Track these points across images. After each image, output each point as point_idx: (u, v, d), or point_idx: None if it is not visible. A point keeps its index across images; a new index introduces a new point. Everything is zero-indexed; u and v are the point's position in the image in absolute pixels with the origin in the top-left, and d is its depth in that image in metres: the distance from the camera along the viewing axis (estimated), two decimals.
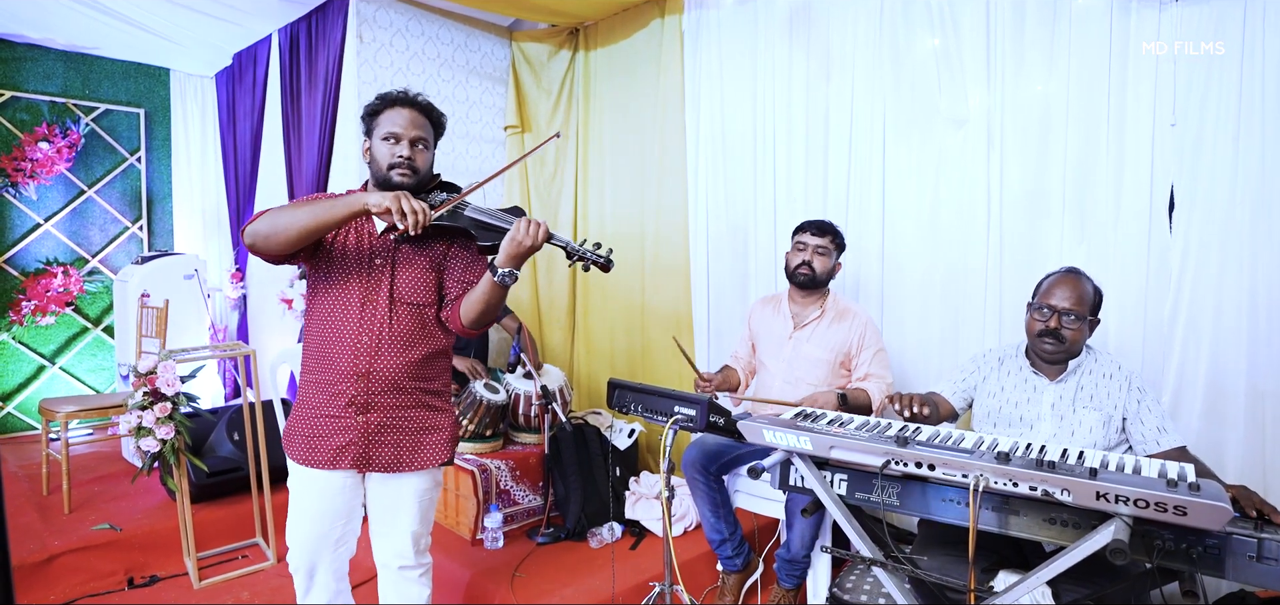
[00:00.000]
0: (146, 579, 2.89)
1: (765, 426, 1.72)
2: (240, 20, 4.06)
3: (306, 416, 1.86)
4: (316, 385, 1.85)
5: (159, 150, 5.04)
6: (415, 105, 1.86)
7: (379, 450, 1.84)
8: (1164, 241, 2.34)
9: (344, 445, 1.82)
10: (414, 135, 1.83)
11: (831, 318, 2.64)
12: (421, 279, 1.85)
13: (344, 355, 1.80)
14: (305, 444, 1.85)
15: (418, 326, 1.85)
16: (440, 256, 1.88)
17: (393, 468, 1.85)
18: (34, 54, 4.50)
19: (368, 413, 1.81)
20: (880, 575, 1.76)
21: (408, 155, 1.81)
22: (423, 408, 1.88)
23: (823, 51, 3.07)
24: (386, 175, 1.81)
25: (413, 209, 1.62)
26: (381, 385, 1.82)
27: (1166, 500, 1.29)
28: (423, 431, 1.88)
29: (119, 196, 4.89)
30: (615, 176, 3.91)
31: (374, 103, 1.87)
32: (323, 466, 1.83)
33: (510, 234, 1.68)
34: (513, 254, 1.69)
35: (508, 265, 1.70)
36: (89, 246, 4.78)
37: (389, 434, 1.84)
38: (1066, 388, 2.01)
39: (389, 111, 1.84)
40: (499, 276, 1.71)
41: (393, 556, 1.92)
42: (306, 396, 1.88)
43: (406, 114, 1.84)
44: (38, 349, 4.63)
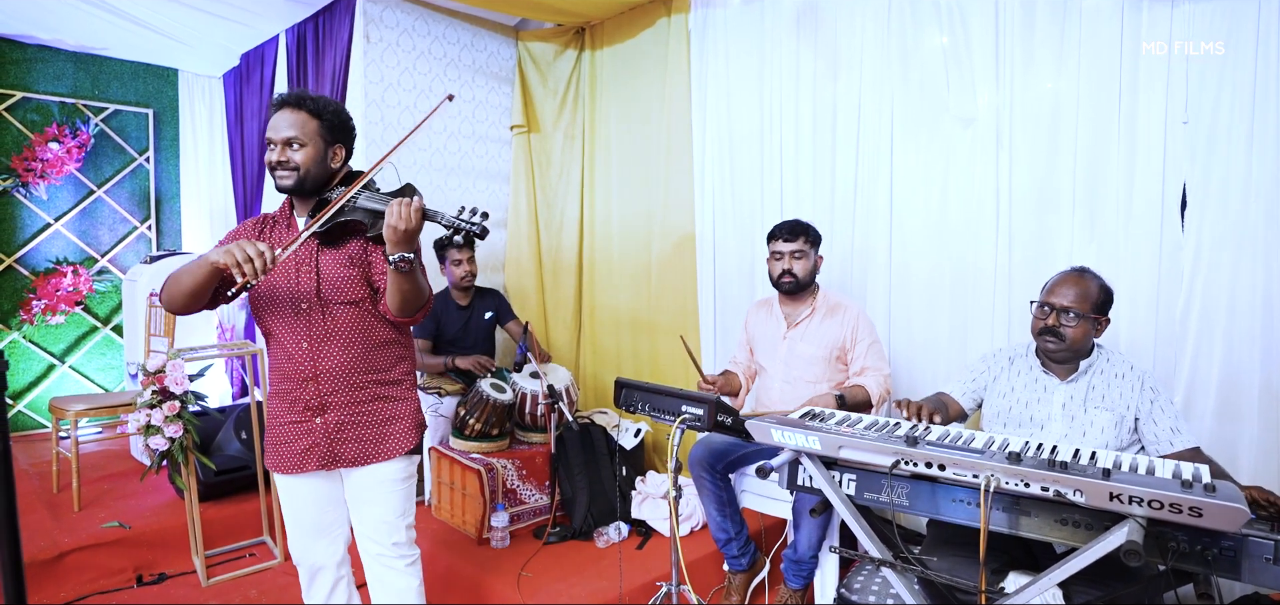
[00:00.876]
0: (155, 576, 2.90)
1: (773, 426, 1.71)
2: (248, 21, 4.07)
3: (273, 425, 1.92)
4: (276, 395, 1.92)
5: (167, 150, 5.07)
6: (285, 104, 1.83)
7: (343, 448, 1.87)
8: (1176, 240, 2.31)
9: (307, 448, 1.87)
10: (285, 137, 1.80)
11: (823, 314, 2.63)
12: (344, 277, 1.84)
13: (290, 362, 1.85)
14: (274, 452, 1.92)
15: (357, 322, 1.86)
16: (360, 251, 1.85)
17: (360, 461, 1.88)
18: (44, 55, 4.53)
19: (324, 413, 1.85)
20: (889, 576, 1.75)
21: (279, 158, 1.80)
22: (379, 400, 1.90)
23: (830, 50, 3.06)
24: (274, 177, 1.83)
25: (248, 255, 1.59)
26: (331, 385, 1.85)
27: (1182, 501, 1.28)
28: (384, 423, 1.91)
29: (128, 196, 4.91)
30: (622, 176, 3.90)
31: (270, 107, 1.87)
32: (291, 471, 1.89)
33: (386, 220, 1.64)
34: (392, 239, 1.64)
35: (396, 250, 1.66)
36: (98, 246, 4.80)
37: (349, 429, 1.87)
38: (1077, 388, 1.99)
39: (273, 116, 1.83)
40: (393, 261, 1.67)
41: (371, 544, 1.95)
42: (271, 406, 1.94)
43: (278, 117, 1.82)
44: (48, 348, 4.65)
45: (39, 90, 4.53)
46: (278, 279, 1.84)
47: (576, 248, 4.14)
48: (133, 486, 3.50)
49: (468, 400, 3.23)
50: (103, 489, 3.49)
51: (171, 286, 1.75)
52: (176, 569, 2.95)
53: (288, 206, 1.93)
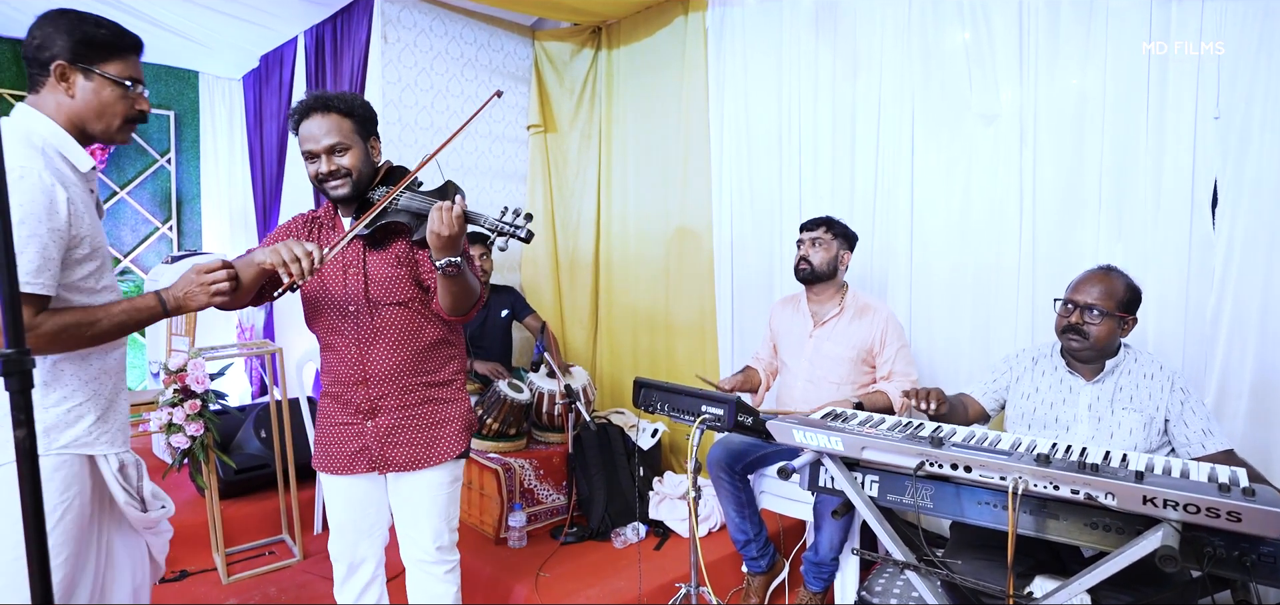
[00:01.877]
0: (176, 574, 2.92)
1: (795, 426, 1.69)
2: (267, 23, 4.10)
3: (324, 425, 1.91)
4: (329, 396, 1.90)
5: (188, 151, 5.12)
6: (316, 110, 1.76)
7: (393, 451, 1.84)
8: (1207, 237, 2.26)
9: (357, 450, 1.85)
10: (328, 145, 1.74)
11: (851, 314, 2.60)
12: (392, 276, 1.80)
13: (341, 365, 1.83)
14: (323, 451, 1.91)
15: (406, 323, 1.82)
16: (407, 250, 1.82)
17: (411, 466, 1.85)
18: None
19: (376, 416, 1.83)
20: (913, 579, 1.72)
21: (328, 170, 1.75)
22: (430, 402, 1.87)
23: (850, 47, 3.03)
24: (324, 192, 1.80)
25: (296, 255, 1.52)
26: (382, 388, 1.82)
27: (1219, 506, 1.24)
28: (434, 426, 1.87)
29: (150, 197, 4.97)
30: (638, 176, 3.89)
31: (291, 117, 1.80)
32: (340, 472, 1.88)
33: (428, 225, 1.60)
34: (435, 245, 1.60)
35: (440, 255, 1.62)
36: (121, 246, 4.86)
37: (401, 433, 1.84)
38: (1104, 388, 1.95)
39: (302, 126, 1.77)
40: (439, 267, 1.64)
41: (417, 552, 1.92)
42: (323, 406, 1.93)
43: (311, 125, 1.75)
44: None
45: None
46: (326, 281, 1.82)
47: (593, 247, 4.13)
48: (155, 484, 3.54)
49: (485, 400, 3.23)
50: None
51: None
52: (198, 566, 2.97)
53: (332, 206, 1.90)
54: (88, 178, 1.50)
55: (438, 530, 1.91)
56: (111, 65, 1.50)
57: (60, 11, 1.49)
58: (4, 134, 1.37)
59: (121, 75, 1.51)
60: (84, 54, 1.48)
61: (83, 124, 1.50)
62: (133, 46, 1.55)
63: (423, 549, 1.91)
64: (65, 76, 1.47)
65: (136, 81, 1.54)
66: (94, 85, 1.48)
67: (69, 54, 1.47)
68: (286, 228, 1.90)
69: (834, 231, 2.60)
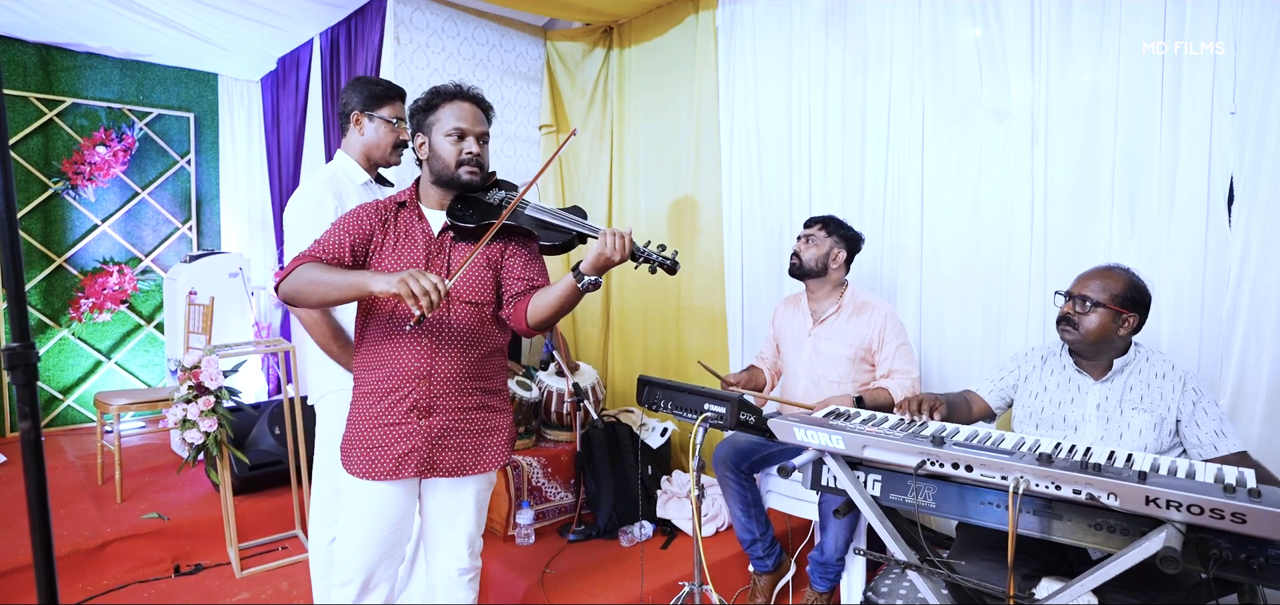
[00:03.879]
0: (192, 567, 2.97)
1: (796, 425, 1.69)
2: (284, 25, 4.16)
3: (366, 427, 1.78)
4: (375, 393, 1.78)
5: (207, 153, 5.21)
6: (476, 100, 1.84)
7: (443, 454, 1.78)
8: (1223, 235, 2.21)
9: (406, 452, 1.76)
10: (480, 131, 1.81)
11: (850, 312, 2.58)
12: (479, 277, 1.80)
13: (404, 358, 1.75)
14: (366, 456, 1.77)
15: (477, 325, 1.80)
16: (498, 254, 1.83)
17: (456, 471, 1.81)
18: (93, 62, 4.69)
19: (431, 416, 1.76)
20: (916, 580, 1.71)
21: (477, 152, 1.79)
22: (483, 409, 1.83)
23: (860, 44, 3.01)
24: (454, 174, 1.78)
25: (424, 289, 1.49)
26: (443, 387, 1.77)
27: (1223, 507, 1.22)
28: (484, 433, 1.83)
29: (170, 198, 5.06)
30: (650, 174, 3.89)
31: (428, 97, 1.83)
32: (385, 477, 1.76)
33: (598, 247, 1.65)
34: (600, 265, 1.66)
35: (593, 273, 1.67)
36: (142, 246, 4.95)
37: (452, 437, 1.79)
38: (1113, 388, 1.92)
39: (449, 106, 1.80)
40: (584, 284, 1.67)
41: (450, 561, 1.88)
42: (363, 407, 1.80)
43: (470, 109, 1.81)
44: (95, 344, 4.82)
45: (88, 96, 4.69)
46: (404, 265, 1.76)
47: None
48: (172, 479, 3.60)
49: None
50: (144, 481, 3.60)
51: (306, 287, 1.67)
52: (212, 560, 3.02)
53: (411, 192, 1.87)
54: (363, 189, 2.18)
55: (472, 538, 1.88)
56: (384, 109, 2.19)
57: (356, 78, 2.25)
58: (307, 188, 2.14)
59: (391, 116, 2.20)
60: (368, 104, 2.18)
61: (368, 153, 2.20)
62: (399, 95, 2.24)
63: (456, 557, 1.87)
64: (358, 122, 2.19)
65: (400, 119, 2.21)
66: (376, 125, 2.19)
67: (361, 105, 2.18)
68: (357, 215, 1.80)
69: (828, 229, 2.58)
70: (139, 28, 4.11)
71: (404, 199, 1.86)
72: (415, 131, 1.86)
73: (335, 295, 1.65)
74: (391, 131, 2.20)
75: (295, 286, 1.69)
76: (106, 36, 4.41)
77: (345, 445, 1.82)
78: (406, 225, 1.82)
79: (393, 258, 1.78)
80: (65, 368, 4.73)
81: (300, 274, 1.68)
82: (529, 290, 1.81)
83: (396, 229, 1.81)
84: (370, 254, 1.79)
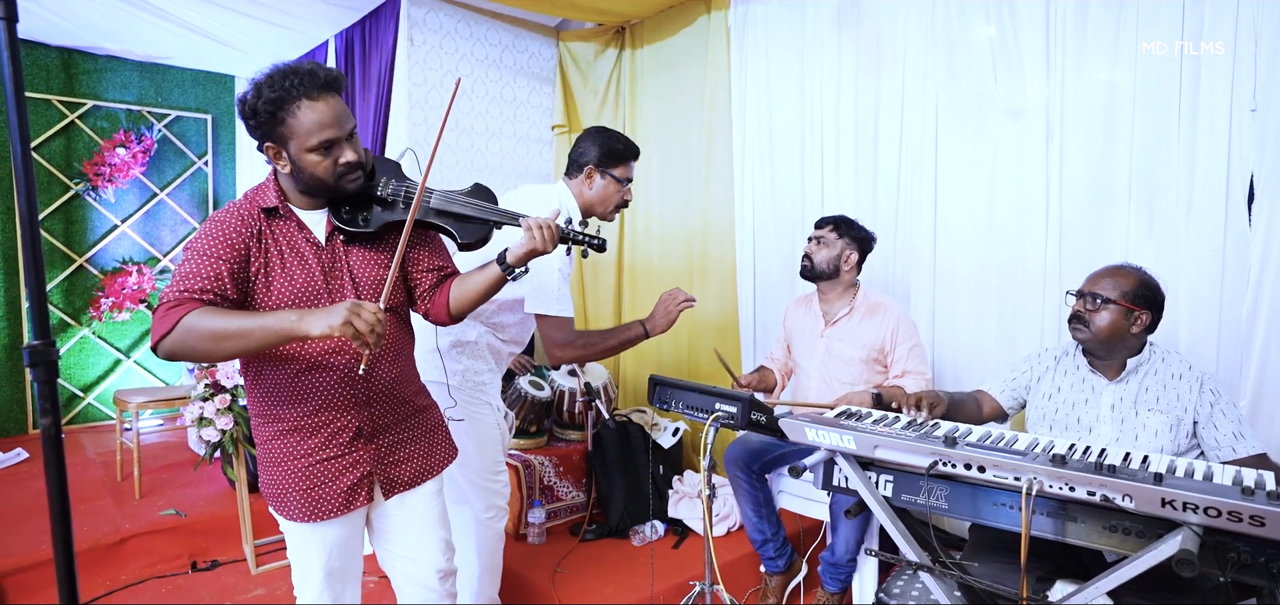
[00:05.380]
0: (208, 563, 3.01)
1: (808, 425, 1.68)
2: (299, 27, 4.19)
3: (300, 470, 1.54)
4: (302, 430, 1.54)
5: (224, 154, 5.27)
6: (329, 86, 1.49)
7: (399, 469, 1.65)
8: (1242, 234, 2.18)
9: (356, 482, 1.58)
10: (349, 128, 1.52)
11: (862, 313, 2.56)
12: (383, 279, 1.59)
13: (332, 388, 1.54)
14: (305, 499, 1.54)
15: (398, 330, 1.65)
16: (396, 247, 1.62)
17: (418, 479, 1.68)
18: (113, 65, 4.75)
19: (377, 437, 1.61)
20: (928, 581, 1.70)
21: (354, 158, 1.51)
22: (420, 411, 1.72)
23: (872, 43, 2.99)
24: (335, 187, 1.52)
25: (368, 323, 1.33)
26: (384, 404, 1.62)
27: (1241, 509, 1.20)
28: (430, 433, 1.73)
29: (188, 198, 5.12)
30: (662, 175, 3.89)
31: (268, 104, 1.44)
32: (335, 515, 1.56)
33: (525, 242, 1.59)
34: (527, 257, 1.60)
35: (522, 263, 1.61)
36: (161, 246, 5.02)
37: (403, 448, 1.66)
38: (1127, 388, 1.90)
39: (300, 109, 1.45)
40: (515, 275, 1.61)
41: (431, 572, 1.73)
42: (288, 447, 1.54)
43: (328, 106, 1.47)
44: (114, 343, 4.88)
45: (108, 98, 4.76)
46: (300, 286, 1.51)
47: (616, 246, 4.15)
48: (189, 476, 3.65)
49: (506, 396, 3.27)
50: (162, 478, 3.64)
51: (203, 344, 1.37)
52: (228, 556, 3.05)
53: (277, 194, 1.54)
54: None
55: (446, 542, 1.76)
56: (617, 168, 2.19)
57: (598, 129, 2.24)
58: (541, 193, 2.16)
59: (622, 176, 2.20)
60: (604, 161, 2.18)
61: (589, 207, 2.21)
62: (635, 156, 2.24)
63: (435, 566, 1.73)
64: (591, 176, 2.18)
65: (629, 180, 2.23)
66: (605, 181, 2.18)
67: (596, 160, 2.18)
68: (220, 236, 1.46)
69: (840, 231, 2.57)
70: (158, 31, 4.17)
71: (271, 203, 1.53)
72: (263, 141, 1.50)
73: (256, 347, 1.39)
74: (619, 191, 2.21)
75: (185, 343, 1.37)
76: (126, 40, 4.47)
77: (275, 490, 1.57)
78: (286, 236, 1.53)
79: (284, 280, 1.50)
80: (86, 366, 4.80)
81: (190, 328, 1.36)
82: (443, 279, 1.69)
83: (276, 242, 1.52)
84: (252, 278, 1.49)
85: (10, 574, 2.68)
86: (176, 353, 1.39)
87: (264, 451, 1.59)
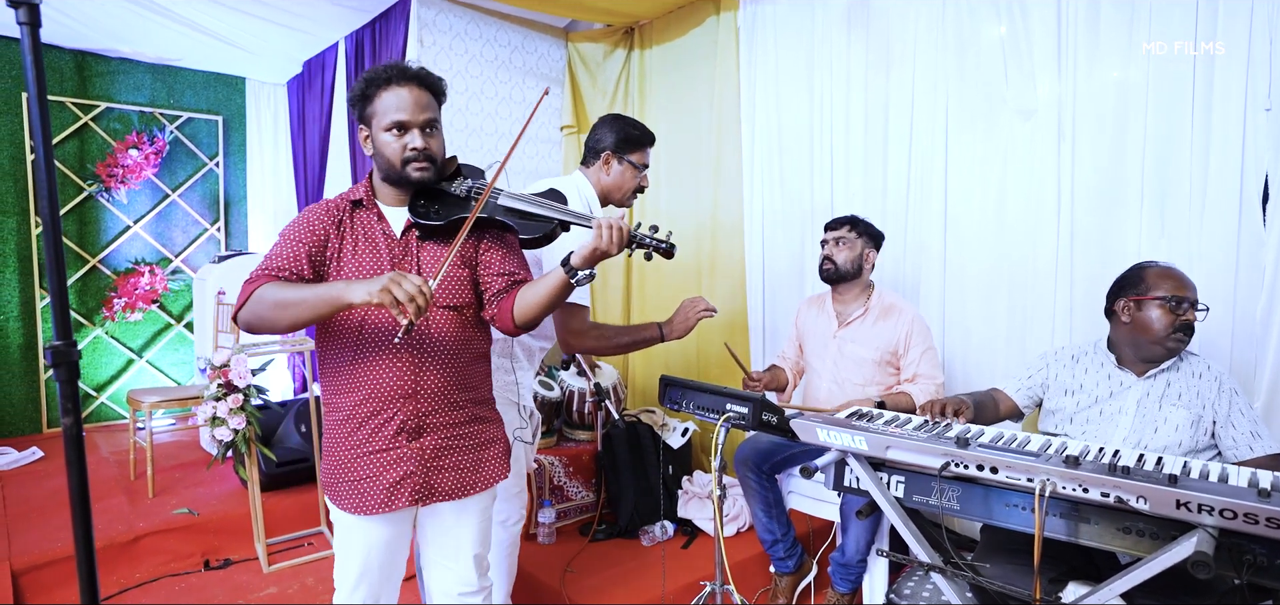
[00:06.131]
0: (221, 562, 3.03)
1: (819, 425, 1.68)
2: (310, 29, 4.22)
3: (346, 459, 1.60)
4: (352, 419, 1.60)
5: (235, 155, 5.30)
6: (418, 80, 1.59)
7: (440, 477, 1.63)
8: (1257, 235, 2.17)
9: (399, 480, 1.59)
10: (425, 119, 1.59)
11: (876, 315, 2.56)
12: (455, 278, 1.63)
13: (384, 377, 1.57)
14: (352, 490, 1.60)
15: (459, 331, 1.64)
16: (472, 250, 1.67)
17: (456, 494, 1.65)
18: (125, 67, 4.79)
19: (421, 437, 1.60)
20: (939, 582, 1.70)
21: (422, 145, 1.58)
22: (476, 422, 1.69)
23: (882, 42, 2.99)
24: (401, 174, 1.59)
25: (410, 293, 1.35)
26: (432, 404, 1.61)
27: (1258, 511, 1.20)
28: (481, 447, 1.69)
29: (199, 199, 5.16)
30: (670, 174, 3.90)
31: (363, 85, 1.61)
32: (377, 512, 1.59)
33: (592, 240, 1.51)
34: (594, 257, 1.52)
35: (586, 266, 1.54)
36: (172, 247, 5.06)
37: (448, 456, 1.63)
38: (1155, 384, 1.90)
39: (386, 93, 1.58)
40: (578, 279, 1.53)
41: (455, 585, 1.73)
42: (342, 436, 1.62)
43: (410, 94, 1.57)
44: (127, 343, 4.92)
45: (120, 100, 4.80)
46: (368, 273, 1.58)
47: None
48: (202, 475, 3.67)
49: None
50: (175, 477, 3.67)
51: (271, 312, 1.49)
52: (240, 555, 3.07)
53: (366, 189, 1.66)
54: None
55: (480, 558, 1.74)
56: (634, 154, 2.20)
57: (614, 116, 2.24)
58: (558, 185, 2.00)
59: (639, 162, 2.20)
60: (621, 146, 2.18)
61: (608, 192, 2.21)
62: (651, 141, 2.23)
63: (463, 581, 1.72)
64: (608, 162, 2.19)
65: (645, 166, 2.22)
66: (623, 168, 2.19)
67: (613, 146, 2.18)
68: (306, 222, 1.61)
69: (858, 230, 2.57)
70: (170, 33, 4.20)
71: (359, 196, 1.65)
72: (358, 122, 1.66)
73: (308, 314, 1.47)
74: (636, 177, 2.20)
75: (257, 313, 1.51)
76: (138, 42, 4.51)
77: (329, 476, 1.65)
78: (364, 227, 1.63)
79: (353, 264, 1.59)
80: (99, 366, 4.84)
81: (261, 298, 1.49)
82: (511, 286, 1.65)
83: (354, 231, 1.62)
84: (326, 262, 1.60)
85: (26, 571, 2.70)
86: (251, 322, 1.53)
87: (325, 438, 1.67)
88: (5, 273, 4.45)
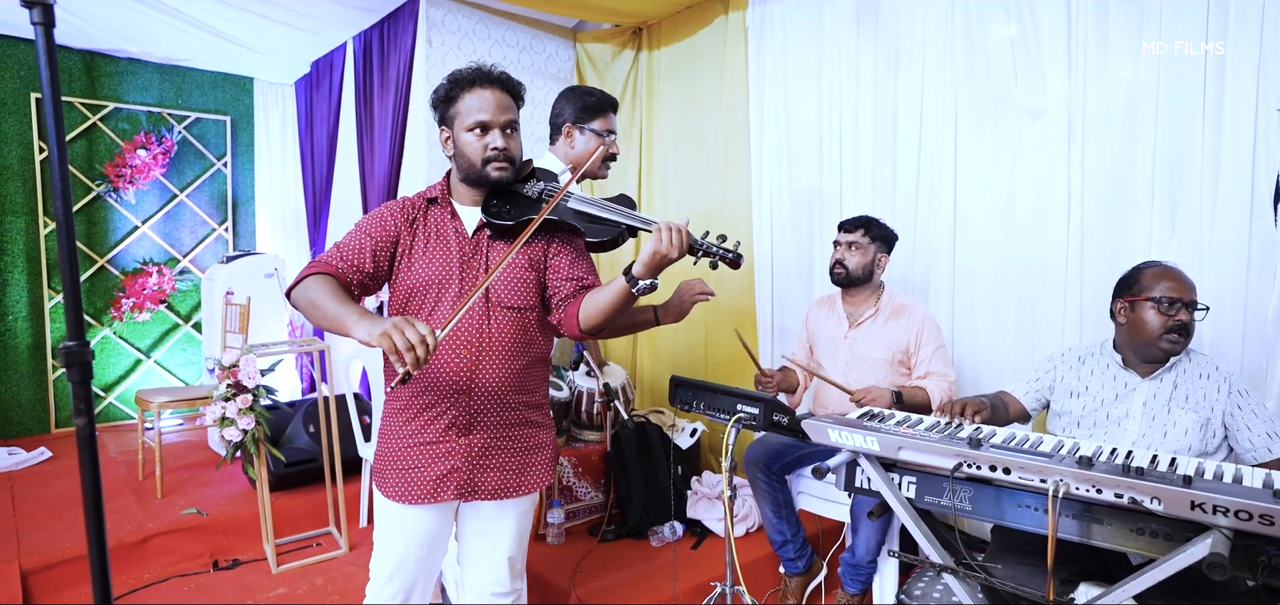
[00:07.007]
0: (230, 562, 3.04)
1: (830, 426, 1.68)
2: (318, 29, 4.23)
3: (400, 447, 1.64)
4: (408, 409, 1.64)
5: (243, 155, 5.32)
6: (500, 83, 1.65)
7: (485, 476, 1.65)
8: (1268, 235, 2.16)
9: (445, 473, 1.62)
10: (506, 120, 1.63)
11: (887, 315, 2.55)
12: (520, 279, 1.65)
13: (441, 371, 1.60)
14: (401, 479, 1.63)
15: (518, 333, 1.65)
16: (540, 253, 1.69)
17: (499, 494, 1.67)
18: (134, 68, 4.82)
19: (470, 434, 1.63)
20: (951, 583, 1.69)
21: (504, 146, 1.63)
22: (527, 425, 1.70)
23: (891, 42, 2.98)
24: (481, 173, 1.63)
25: (409, 342, 1.29)
26: (485, 402, 1.63)
27: (1273, 512, 1.19)
28: (528, 451, 1.70)
29: (207, 199, 5.18)
30: (679, 175, 3.90)
31: (447, 86, 1.66)
32: (421, 501, 1.62)
33: (652, 243, 1.49)
34: (655, 263, 1.49)
35: (648, 275, 1.51)
36: (180, 247, 5.08)
37: (494, 456, 1.65)
38: (1161, 386, 1.89)
39: (470, 94, 1.63)
40: (639, 287, 1.51)
41: (488, 584, 1.74)
42: (397, 425, 1.66)
43: (494, 95, 1.63)
44: (135, 343, 4.95)
45: (129, 100, 4.82)
46: (439, 266, 1.62)
47: (633, 247, 4.15)
48: (210, 476, 3.69)
49: None
50: (183, 477, 3.69)
51: (306, 307, 1.54)
52: (249, 555, 3.08)
53: (442, 188, 1.72)
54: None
55: (514, 559, 1.75)
56: (596, 121, 2.15)
57: (569, 87, 2.22)
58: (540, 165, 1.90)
59: (602, 128, 2.15)
60: (581, 116, 2.13)
61: (577, 168, 2.04)
62: (612, 106, 2.18)
63: (496, 581, 1.73)
64: (569, 134, 2.16)
65: (612, 133, 2.17)
66: (586, 137, 2.14)
67: (573, 117, 2.14)
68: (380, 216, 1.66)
69: (872, 234, 2.56)
70: (178, 33, 4.22)
71: (435, 195, 1.71)
72: (439, 123, 1.71)
73: (324, 323, 1.49)
74: (602, 146, 2.11)
75: (299, 300, 1.56)
76: (147, 42, 4.53)
77: (379, 464, 1.70)
78: (438, 224, 1.68)
79: (424, 260, 1.65)
80: (107, 366, 4.86)
81: (307, 289, 1.54)
82: (579, 291, 1.66)
83: (427, 228, 1.67)
84: (397, 257, 1.66)
85: (36, 571, 2.72)
86: (298, 303, 1.57)
87: (382, 426, 1.71)
88: (14, 273, 4.47)
